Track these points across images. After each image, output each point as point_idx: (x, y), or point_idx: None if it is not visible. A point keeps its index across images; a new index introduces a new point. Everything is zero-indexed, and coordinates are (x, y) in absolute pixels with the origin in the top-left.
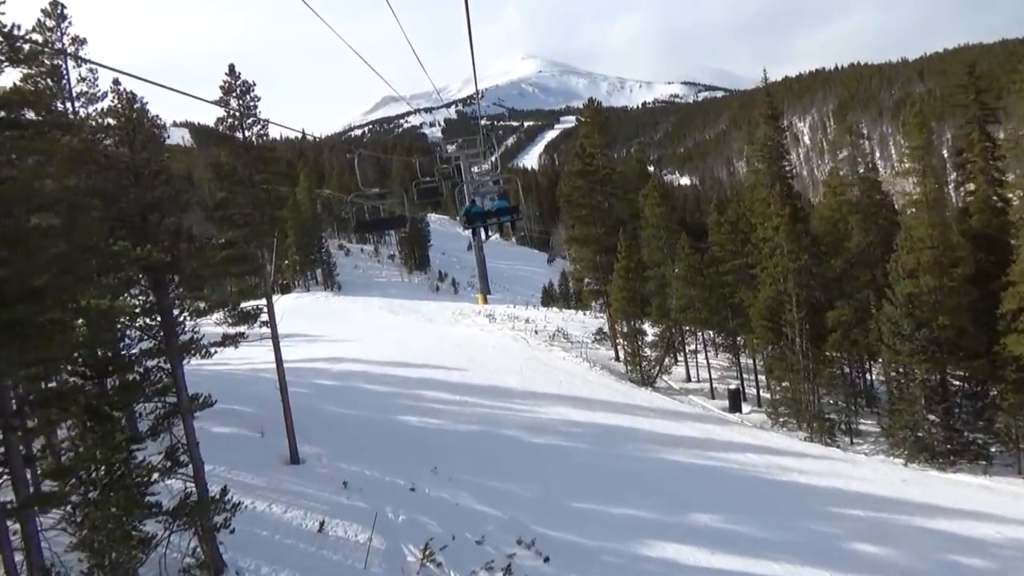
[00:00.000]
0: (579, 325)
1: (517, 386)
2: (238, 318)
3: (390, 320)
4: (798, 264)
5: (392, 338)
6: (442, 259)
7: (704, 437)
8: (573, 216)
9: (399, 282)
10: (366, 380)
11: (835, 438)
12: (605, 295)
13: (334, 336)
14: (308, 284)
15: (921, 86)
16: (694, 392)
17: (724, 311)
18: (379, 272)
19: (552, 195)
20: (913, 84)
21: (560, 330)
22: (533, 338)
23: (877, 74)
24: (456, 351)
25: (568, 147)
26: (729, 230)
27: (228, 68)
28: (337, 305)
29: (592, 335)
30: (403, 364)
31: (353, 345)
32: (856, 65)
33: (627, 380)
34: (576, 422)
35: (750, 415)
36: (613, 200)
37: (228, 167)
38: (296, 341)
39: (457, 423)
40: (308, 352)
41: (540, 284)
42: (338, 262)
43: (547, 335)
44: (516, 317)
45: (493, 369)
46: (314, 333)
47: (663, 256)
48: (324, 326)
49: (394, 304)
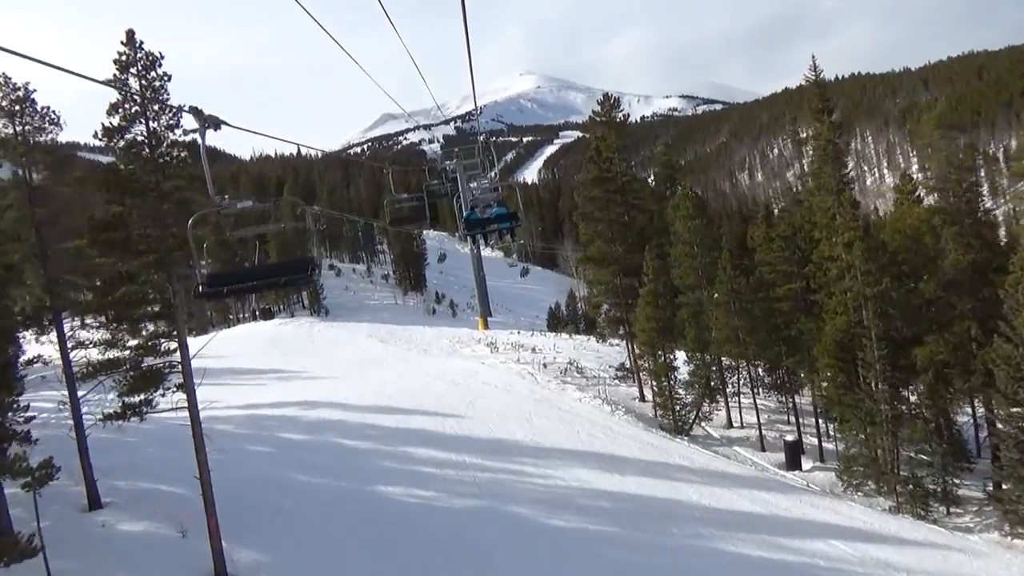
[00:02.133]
0: (593, 355)
1: (526, 439)
2: (138, 382)
3: (379, 352)
4: (877, 289)
5: (378, 376)
6: (439, 279)
7: (768, 513)
8: (588, 232)
9: (392, 305)
10: (343, 432)
11: (929, 508)
12: (627, 324)
13: (313, 372)
14: (293, 308)
15: (927, 94)
16: (738, 442)
17: (776, 345)
18: (371, 294)
19: (555, 210)
20: (919, 93)
21: (573, 363)
22: (542, 373)
23: (880, 83)
24: (452, 392)
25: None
26: (783, 247)
27: (125, 36)
28: (321, 334)
29: (609, 368)
30: (389, 410)
31: (333, 385)
32: (858, 75)
33: (657, 428)
34: (602, 491)
35: (813, 474)
36: (635, 212)
37: (125, 172)
38: (269, 379)
39: (452, 496)
40: (280, 394)
41: (544, 304)
42: (326, 284)
43: (558, 369)
44: (521, 346)
45: (496, 416)
46: (291, 369)
47: (698, 278)
48: (303, 361)
49: (385, 331)
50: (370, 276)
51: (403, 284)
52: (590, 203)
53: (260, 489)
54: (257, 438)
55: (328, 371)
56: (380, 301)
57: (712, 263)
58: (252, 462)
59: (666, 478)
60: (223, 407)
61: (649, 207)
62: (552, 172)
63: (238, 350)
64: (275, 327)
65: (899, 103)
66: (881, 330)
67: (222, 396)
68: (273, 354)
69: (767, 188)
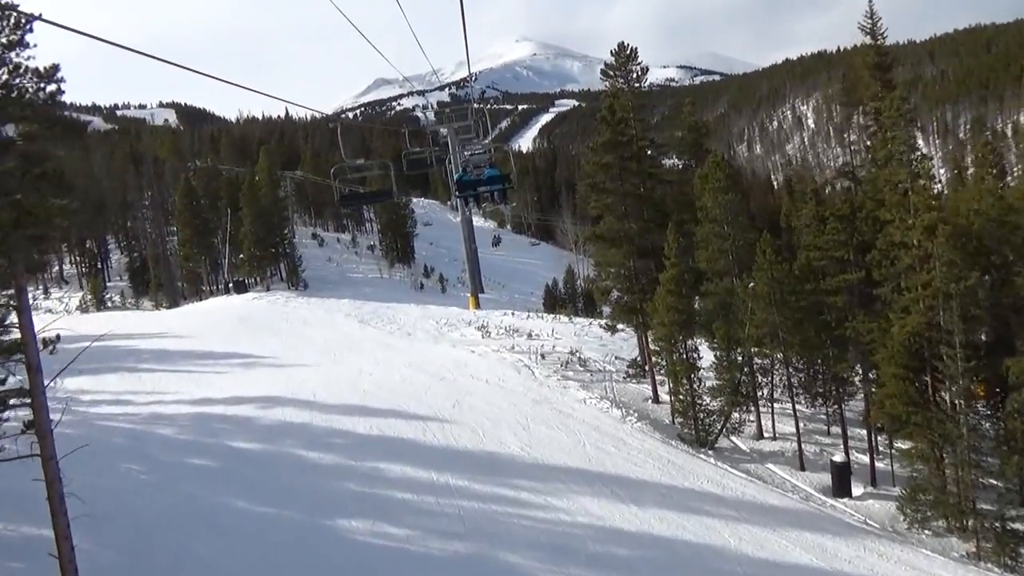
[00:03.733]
0: (596, 343)
1: (522, 453)
2: None
3: (357, 334)
4: (964, 285)
5: (354, 365)
6: (429, 250)
7: (829, 569)
8: (598, 205)
9: (377, 279)
10: (304, 441)
11: (1019, 556)
12: (641, 314)
13: (281, 358)
14: (269, 282)
15: (933, 68)
16: (772, 458)
17: (824, 346)
18: (355, 266)
19: (551, 179)
20: (924, 66)
21: (575, 353)
22: (539, 365)
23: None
24: (436, 387)
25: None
26: (838, 228)
27: None
28: (296, 311)
29: (616, 360)
30: (362, 411)
31: (301, 375)
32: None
33: (676, 439)
34: (617, 532)
35: (867, 503)
36: (653, 183)
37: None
38: (231, 366)
39: (429, 535)
40: (240, 385)
41: (539, 279)
42: (307, 255)
43: (558, 360)
44: (516, 330)
45: (487, 420)
46: (257, 353)
47: (728, 263)
48: (272, 343)
49: (366, 310)
50: (355, 247)
51: (389, 256)
52: (601, 171)
53: (184, 526)
54: (201, 447)
55: (298, 357)
56: (364, 274)
57: (746, 245)
58: (185, 483)
59: (694, 512)
60: (172, 400)
61: (668, 177)
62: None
63: (203, 329)
64: (247, 302)
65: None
66: (964, 335)
67: (173, 386)
68: (240, 334)
69: (766, 161)
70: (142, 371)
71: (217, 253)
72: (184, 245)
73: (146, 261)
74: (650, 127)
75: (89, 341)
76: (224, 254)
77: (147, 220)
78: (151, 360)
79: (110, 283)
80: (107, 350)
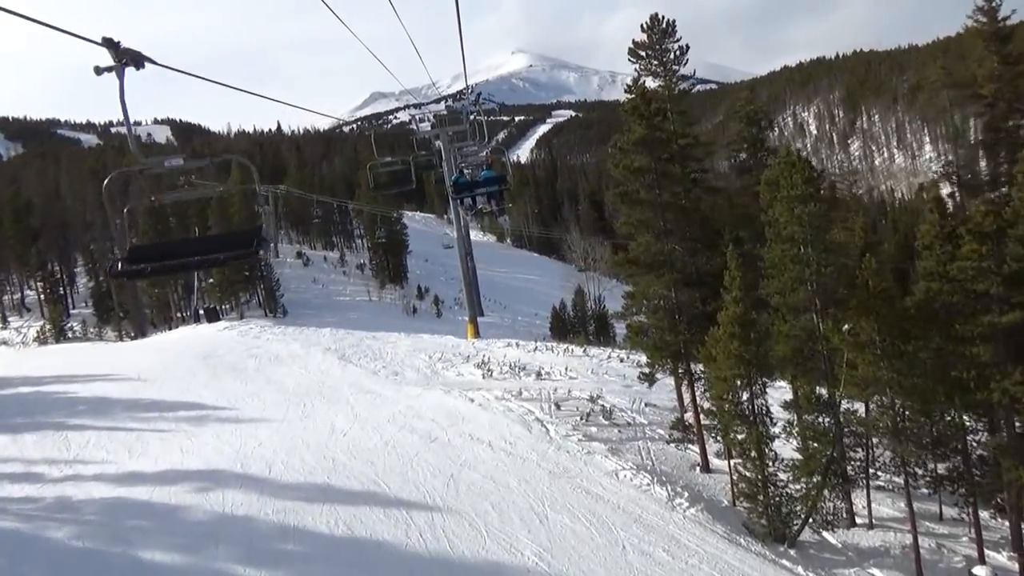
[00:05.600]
0: (619, 383)
1: (539, 562)
2: None
3: (336, 375)
4: None
5: (326, 421)
6: (424, 268)
7: None
8: (629, 221)
9: (365, 302)
10: (243, 550)
11: None
12: (685, 359)
13: (240, 410)
14: (243, 309)
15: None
16: (874, 557)
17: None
18: (342, 288)
19: (552, 190)
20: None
21: (596, 399)
22: (554, 418)
23: (887, 60)
24: (426, 454)
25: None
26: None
27: None
28: (268, 345)
29: (646, 408)
30: (327, 493)
31: (259, 436)
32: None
33: (743, 532)
34: None
35: None
36: (700, 192)
37: None
38: (178, 421)
39: None
40: (181, 452)
41: (544, 298)
42: (290, 275)
43: (576, 410)
44: (523, 367)
45: (491, 508)
46: (212, 403)
47: (810, 296)
48: (234, 388)
49: (349, 342)
50: (343, 265)
51: (380, 276)
52: (633, 177)
53: None
54: (101, 562)
55: (260, 408)
56: (352, 297)
57: (834, 272)
58: None
59: None
60: (91, 476)
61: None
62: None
63: (157, 368)
64: (216, 333)
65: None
66: None
67: (101, 452)
68: (199, 376)
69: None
70: (71, 428)
71: (188, 277)
72: None
73: (111, 287)
74: (694, 121)
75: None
76: (194, 278)
77: (109, 241)
78: (86, 413)
79: (74, 310)
80: (40, 398)
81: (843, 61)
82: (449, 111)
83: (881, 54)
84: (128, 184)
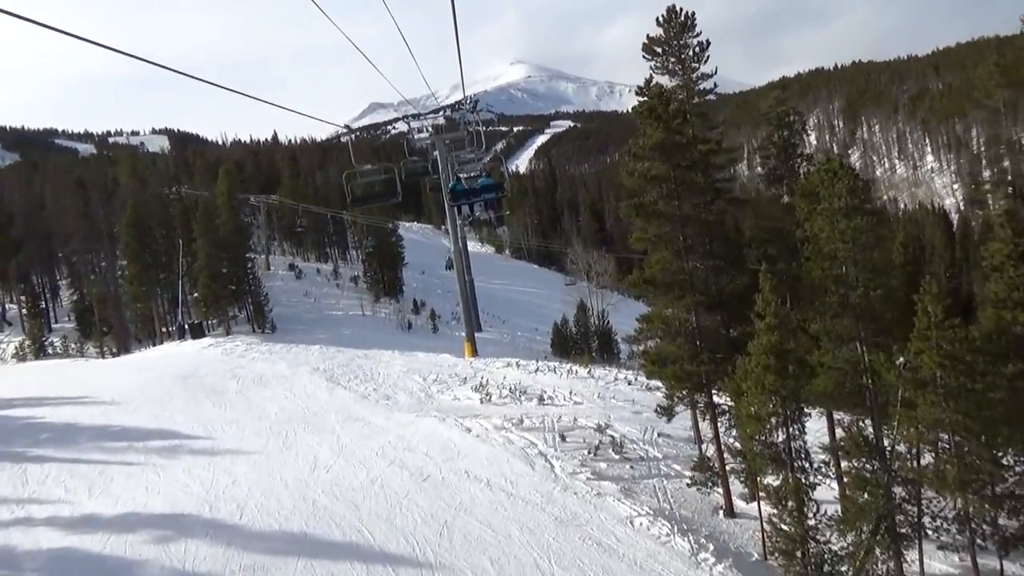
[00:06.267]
0: (628, 408)
1: None
2: None
3: (322, 400)
4: None
5: (308, 453)
6: (420, 280)
7: None
8: (643, 236)
9: (358, 316)
10: None
11: None
12: (707, 391)
13: (216, 440)
14: (230, 324)
15: (938, 81)
16: None
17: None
18: (335, 301)
19: (552, 200)
20: (929, 79)
21: (604, 429)
22: (559, 452)
23: (887, 70)
24: (417, 496)
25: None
26: None
27: None
28: (253, 364)
29: (660, 438)
30: (303, 545)
31: (233, 472)
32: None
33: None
34: None
35: None
36: (724, 204)
37: None
38: (147, 453)
39: None
40: (143, 493)
41: (544, 311)
42: (281, 288)
43: (583, 442)
44: (523, 391)
45: (490, 565)
46: (186, 431)
47: (854, 324)
48: (210, 414)
49: (339, 361)
50: (337, 278)
51: (374, 289)
52: (649, 186)
53: None
54: None
55: (238, 438)
56: (345, 311)
57: (883, 297)
58: None
59: None
60: (42, 520)
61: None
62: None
63: (133, 390)
64: (199, 351)
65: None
66: None
67: (59, 490)
68: (176, 400)
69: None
70: (30, 460)
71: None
72: (132, 282)
73: (93, 301)
74: (715, 124)
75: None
76: (179, 292)
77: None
78: (50, 441)
79: (57, 325)
80: (4, 423)
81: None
82: (447, 121)
83: (880, 64)
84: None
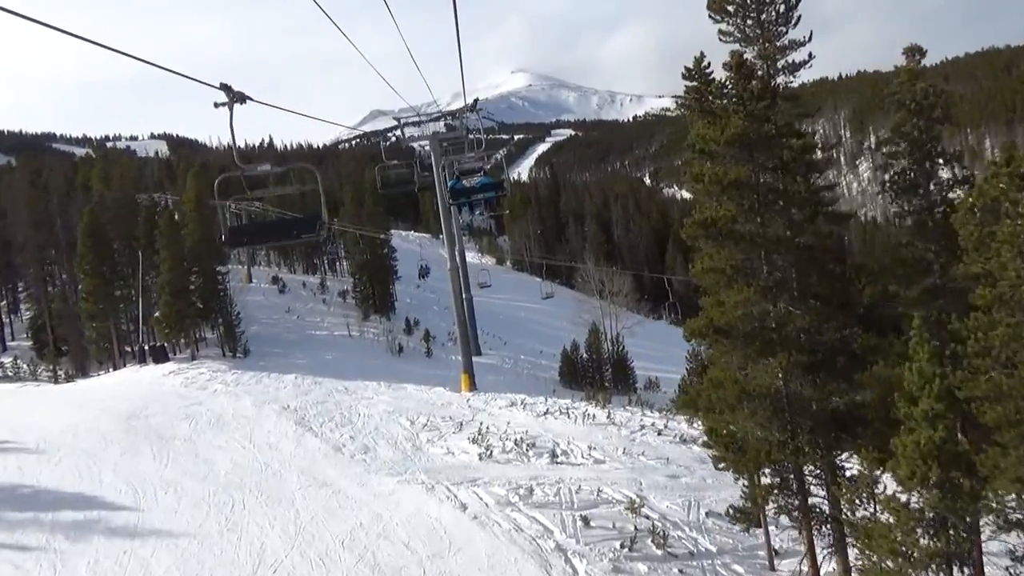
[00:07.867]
0: (662, 470)
1: None
2: None
3: (285, 452)
4: None
5: (253, 540)
6: (415, 295)
7: None
8: (717, 266)
9: (344, 337)
10: None
11: None
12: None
13: (140, 513)
14: (197, 347)
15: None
16: None
17: None
18: (320, 319)
19: (555, 210)
20: None
21: (637, 508)
22: (582, 541)
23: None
24: None
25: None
26: None
27: None
28: (213, 399)
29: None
30: None
31: (152, 564)
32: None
33: None
34: None
35: None
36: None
37: None
38: (53, 531)
39: None
40: None
41: (549, 331)
42: (261, 304)
43: (612, 526)
44: (532, 443)
45: None
46: (109, 498)
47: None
48: (146, 472)
49: (314, 397)
50: (324, 292)
51: (364, 305)
52: (725, 195)
53: None
54: None
55: (172, 510)
56: (329, 331)
57: None
58: None
59: None
60: None
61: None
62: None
63: (67, 432)
64: (157, 380)
65: None
66: None
67: None
68: (111, 448)
69: None
70: None
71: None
72: (88, 298)
73: (49, 318)
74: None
75: None
76: (139, 310)
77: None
78: None
79: (12, 342)
80: None
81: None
82: (448, 128)
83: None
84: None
